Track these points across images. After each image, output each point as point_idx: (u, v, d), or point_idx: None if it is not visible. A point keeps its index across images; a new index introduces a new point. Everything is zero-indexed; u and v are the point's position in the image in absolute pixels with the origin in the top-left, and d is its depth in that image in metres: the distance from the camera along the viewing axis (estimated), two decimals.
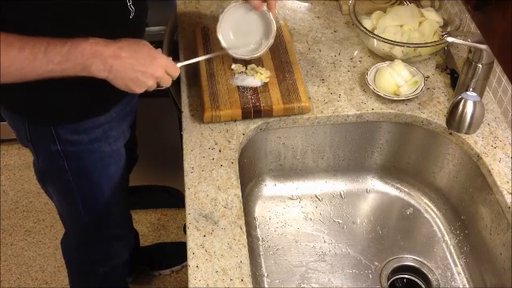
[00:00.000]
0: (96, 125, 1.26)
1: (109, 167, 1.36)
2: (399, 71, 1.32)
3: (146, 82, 1.10)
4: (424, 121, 1.29)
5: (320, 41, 1.47)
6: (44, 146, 1.27)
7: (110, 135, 1.31)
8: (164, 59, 1.13)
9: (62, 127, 1.23)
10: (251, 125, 1.26)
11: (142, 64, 1.09)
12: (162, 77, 1.12)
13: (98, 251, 1.58)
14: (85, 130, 1.26)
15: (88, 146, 1.28)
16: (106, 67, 1.05)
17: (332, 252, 1.30)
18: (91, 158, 1.31)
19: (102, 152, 1.31)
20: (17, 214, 2.27)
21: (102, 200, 1.40)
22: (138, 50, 1.10)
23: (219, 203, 1.11)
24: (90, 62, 1.04)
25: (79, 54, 1.03)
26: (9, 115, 1.29)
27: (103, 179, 1.37)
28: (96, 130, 1.27)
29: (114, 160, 1.36)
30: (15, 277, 2.07)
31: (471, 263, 1.26)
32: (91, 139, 1.27)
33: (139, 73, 1.08)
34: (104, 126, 1.28)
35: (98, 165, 1.33)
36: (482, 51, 1.13)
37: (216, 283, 0.99)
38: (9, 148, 2.51)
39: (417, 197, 1.40)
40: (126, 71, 1.07)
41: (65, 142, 1.25)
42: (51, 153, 1.27)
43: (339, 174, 1.42)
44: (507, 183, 1.15)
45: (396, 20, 1.41)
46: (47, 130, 1.23)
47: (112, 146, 1.33)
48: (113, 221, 1.51)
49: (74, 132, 1.25)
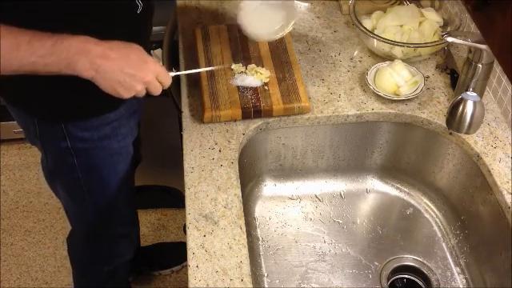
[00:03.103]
0: (106, 122, 1.26)
1: (117, 164, 1.36)
2: (399, 71, 1.32)
3: (135, 86, 1.06)
4: (424, 121, 1.29)
5: (320, 41, 1.47)
6: (54, 143, 1.27)
7: (119, 132, 1.31)
8: (156, 65, 1.09)
9: (73, 124, 1.23)
10: (251, 125, 1.26)
11: (131, 67, 1.05)
12: (152, 82, 1.08)
13: (105, 250, 1.59)
14: (95, 127, 1.26)
15: (97, 143, 1.28)
16: (93, 66, 1.02)
17: (332, 252, 1.30)
18: (100, 154, 1.31)
19: (112, 149, 1.32)
20: (17, 214, 2.27)
21: (110, 197, 1.41)
22: (128, 52, 1.07)
23: (219, 203, 1.11)
24: (75, 58, 1.00)
25: (65, 49, 1.00)
26: (18, 113, 1.29)
27: (112, 176, 1.37)
28: (106, 127, 1.27)
29: (123, 157, 1.36)
30: (15, 277, 2.07)
31: (471, 263, 1.26)
32: (100, 136, 1.27)
33: (128, 76, 1.05)
34: (113, 123, 1.28)
35: (107, 162, 1.33)
36: (482, 51, 1.13)
37: (216, 283, 0.99)
38: (9, 148, 2.51)
39: (417, 197, 1.40)
40: (113, 72, 1.04)
41: (75, 138, 1.25)
42: (61, 150, 1.27)
43: (339, 174, 1.42)
44: (507, 183, 1.15)
45: (396, 20, 1.41)
46: (58, 128, 1.23)
47: (121, 143, 1.33)
48: (119, 218, 1.52)
49: (84, 129, 1.25)
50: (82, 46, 1.01)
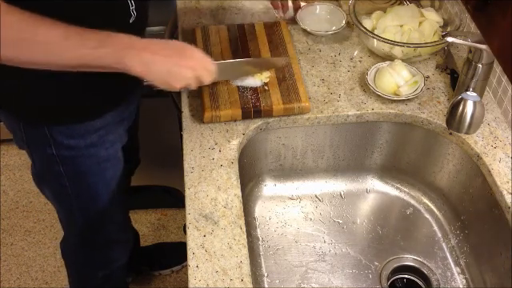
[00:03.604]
0: (91, 130, 1.24)
1: (106, 171, 1.34)
2: (399, 71, 1.32)
3: (184, 74, 1.05)
4: (424, 121, 1.29)
5: (320, 41, 1.47)
6: (39, 149, 1.26)
7: (106, 140, 1.28)
8: (197, 51, 1.08)
9: (58, 130, 1.21)
10: (251, 125, 1.26)
11: (176, 55, 1.04)
12: (199, 68, 1.06)
13: (97, 255, 1.57)
14: (81, 135, 1.23)
15: (84, 150, 1.26)
16: (142, 60, 1.01)
17: (332, 252, 1.30)
18: (87, 162, 1.29)
19: (99, 157, 1.29)
20: (17, 214, 2.27)
21: (99, 204, 1.38)
22: (167, 43, 1.07)
23: (219, 203, 1.11)
24: (124, 52, 1.00)
25: (113, 43, 0.99)
26: (5, 116, 1.27)
27: (100, 183, 1.35)
28: (92, 135, 1.25)
29: (111, 164, 1.34)
30: (15, 277, 2.07)
31: (471, 263, 1.26)
32: (87, 144, 1.25)
33: (174, 64, 1.04)
34: (100, 130, 1.25)
35: (95, 169, 1.31)
36: (482, 51, 1.13)
37: (216, 283, 0.99)
38: (9, 148, 2.51)
39: (417, 197, 1.40)
40: (161, 64, 1.03)
41: (60, 146, 1.23)
42: (47, 156, 1.25)
43: (339, 173, 1.42)
44: (507, 183, 1.15)
45: (396, 20, 1.41)
46: (42, 133, 1.21)
47: (109, 150, 1.30)
48: (110, 224, 1.49)
49: (69, 136, 1.23)
50: (127, 41, 1.01)
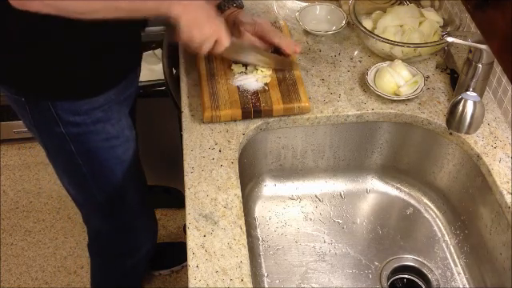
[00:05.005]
0: (95, 106, 1.27)
1: (116, 148, 1.36)
2: (399, 71, 1.32)
3: (208, 30, 1.13)
4: (424, 121, 1.29)
5: (320, 41, 1.47)
6: (47, 128, 1.28)
7: (111, 116, 1.31)
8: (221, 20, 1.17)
9: (62, 107, 1.23)
10: (251, 125, 1.26)
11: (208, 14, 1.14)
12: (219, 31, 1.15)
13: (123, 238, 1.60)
14: (85, 112, 1.26)
15: (91, 126, 1.29)
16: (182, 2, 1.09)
17: (332, 252, 1.30)
18: (96, 138, 1.32)
19: (107, 133, 1.32)
20: (17, 214, 2.27)
21: (116, 182, 1.42)
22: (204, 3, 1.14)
23: (219, 203, 1.11)
24: None
25: None
26: (10, 98, 1.28)
27: (112, 160, 1.38)
28: (96, 111, 1.27)
29: (120, 141, 1.37)
30: (15, 277, 2.07)
31: (471, 263, 1.26)
32: (94, 120, 1.28)
33: (205, 17, 1.12)
34: (103, 106, 1.28)
35: (105, 145, 1.34)
36: (482, 51, 1.13)
37: (216, 283, 0.99)
38: (9, 148, 2.51)
39: (417, 197, 1.40)
40: (196, 11, 1.11)
41: (67, 123, 1.26)
42: (56, 135, 1.28)
43: (339, 173, 1.42)
44: (507, 183, 1.15)
45: (396, 20, 1.41)
46: (47, 110, 1.23)
47: (115, 126, 1.33)
48: (131, 205, 1.52)
49: (75, 113, 1.25)
50: None
